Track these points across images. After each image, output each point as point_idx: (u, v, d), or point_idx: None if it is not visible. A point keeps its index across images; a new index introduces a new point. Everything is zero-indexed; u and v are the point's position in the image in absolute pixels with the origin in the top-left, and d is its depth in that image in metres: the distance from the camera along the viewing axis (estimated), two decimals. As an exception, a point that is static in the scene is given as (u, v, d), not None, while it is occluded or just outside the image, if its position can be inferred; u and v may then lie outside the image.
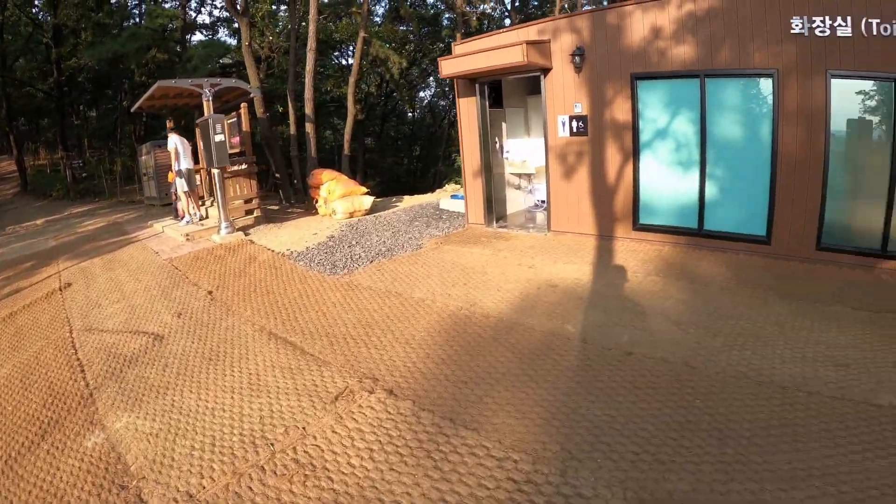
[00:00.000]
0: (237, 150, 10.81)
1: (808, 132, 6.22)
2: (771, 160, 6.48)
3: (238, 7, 16.28)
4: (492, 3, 22.65)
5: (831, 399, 3.60)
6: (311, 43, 14.88)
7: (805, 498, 2.72)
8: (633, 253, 7.14)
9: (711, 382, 3.83)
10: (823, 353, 4.23)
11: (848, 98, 6.08)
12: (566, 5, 18.55)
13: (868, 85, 6.00)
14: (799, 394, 3.67)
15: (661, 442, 3.17)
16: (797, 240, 6.50)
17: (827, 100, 6.08)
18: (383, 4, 25.77)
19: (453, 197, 11.57)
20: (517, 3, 24.72)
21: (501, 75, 8.56)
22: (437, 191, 15.88)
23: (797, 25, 6.08)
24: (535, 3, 25.17)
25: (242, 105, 10.85)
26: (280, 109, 20.36)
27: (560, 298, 5.56)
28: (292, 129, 17.19)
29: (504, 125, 10.02)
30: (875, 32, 5.73)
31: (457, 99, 9.43)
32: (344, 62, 25.97)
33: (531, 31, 8.13)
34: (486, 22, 22.76)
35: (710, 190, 7.05)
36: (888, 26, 5.65)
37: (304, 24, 18.11)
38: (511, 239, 8.23)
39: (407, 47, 24.68)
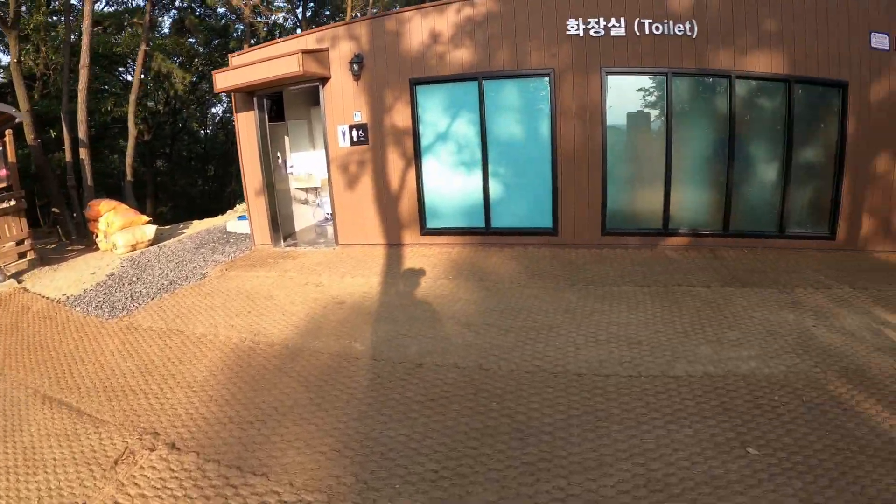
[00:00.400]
0: (4, 185, 9.47)
1: (586, 127, 6.72)
2: (552, 155, 6.89)
3: (6, 18, 14.13)
4: (283, 14, 22.10)
5: (629, 378, 3.68)
6: (85, 58, 13.51)
7: (616, 483, 2.68)
8: (422, 258, 7.17)
9: (507, 382, 3.83)
10: (616, 333, 4.42)
11: (625, 93, 6.72)
12: (357, 14, 18.69)
13: (644, 80, 6.70)
14: (596, 378, 3.71)
15: (461, 454, 3.06)
16: (583, 228, 6.95)
17: (603, 96, 6.64)
18: (171, 15, 23.62)
19: (240, 218, 10.81)
20: (309, 14, 24.46)
21: (280, 87, 8.09)
22: (228, 212, 15.14)
23: (573, 27, 6.57)
24: (328, 14, 25.15)
25: (7, 132, 9.46)
26: (54, 134, 18.10)
27: (348, 315, 5.45)
28: (68, 156, 15.24)
29: (287, 139, 9.57)
30: (647, 31, 6.41)
31: (235, 114, 8.78)
32: (130, 78, 23.33)
33: (309, 40, 7.80)
34: (277, 32, 22.02)
35: (495, 188, 7.29)
36: (660, 25, 6.36)
37: (82, 36, 16.03)
38: (299, 257, 7.91)
39: (196, 61, 23.02)
